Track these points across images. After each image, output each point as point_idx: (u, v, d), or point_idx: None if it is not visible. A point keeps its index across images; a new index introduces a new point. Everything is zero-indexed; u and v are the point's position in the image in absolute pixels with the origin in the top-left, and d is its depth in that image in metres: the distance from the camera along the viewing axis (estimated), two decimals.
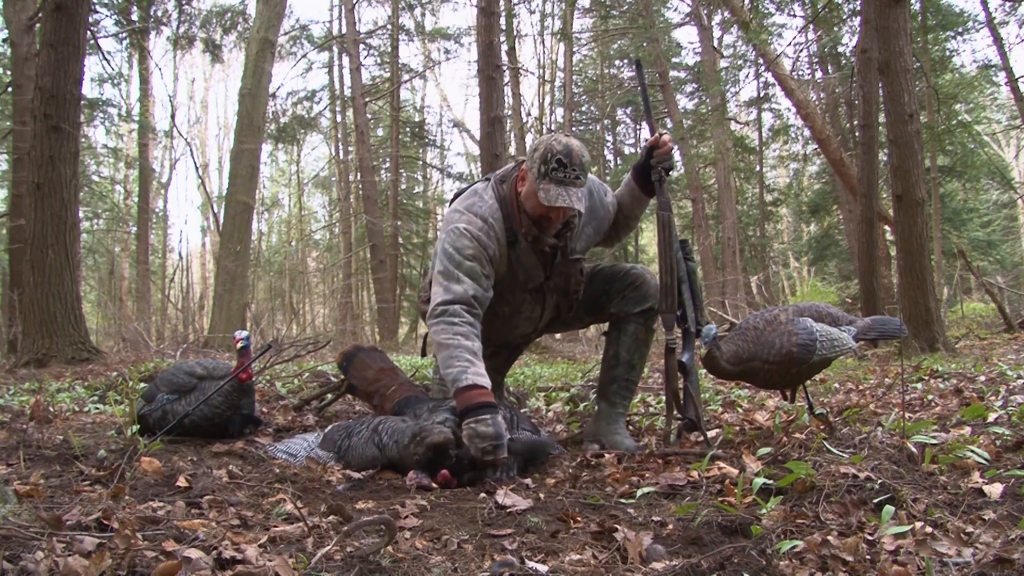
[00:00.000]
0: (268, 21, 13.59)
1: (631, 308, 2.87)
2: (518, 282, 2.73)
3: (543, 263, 2.73)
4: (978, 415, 2.68)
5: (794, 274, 26.31)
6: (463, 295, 2.48)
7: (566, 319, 3.01)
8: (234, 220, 13.20)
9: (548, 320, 2.98)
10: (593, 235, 2.87)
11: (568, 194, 2.48)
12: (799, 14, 15.15)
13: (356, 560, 1.41)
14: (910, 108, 6.80)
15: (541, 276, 2.76)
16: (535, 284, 2.77)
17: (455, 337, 2.41)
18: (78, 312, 6.73)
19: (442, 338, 2.42)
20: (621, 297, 2.89)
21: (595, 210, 2.83)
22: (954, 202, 16.68)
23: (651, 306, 2.85)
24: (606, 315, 2.96)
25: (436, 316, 2.47)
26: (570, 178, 2.48)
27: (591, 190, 2.81)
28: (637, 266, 2.96)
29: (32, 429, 2.89)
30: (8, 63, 11.50)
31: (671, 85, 18.49)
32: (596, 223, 2.85)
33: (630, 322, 2.88)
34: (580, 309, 2.96)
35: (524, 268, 2.71)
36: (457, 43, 20.14)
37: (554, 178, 2.47)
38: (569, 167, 2.47)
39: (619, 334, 2.91)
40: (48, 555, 1.31)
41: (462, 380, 2.33)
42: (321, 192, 27.61)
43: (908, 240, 6.75)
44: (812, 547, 1.42)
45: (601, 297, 2.93)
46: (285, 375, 5.22)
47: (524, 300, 2.81)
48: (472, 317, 2.47)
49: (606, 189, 2.92)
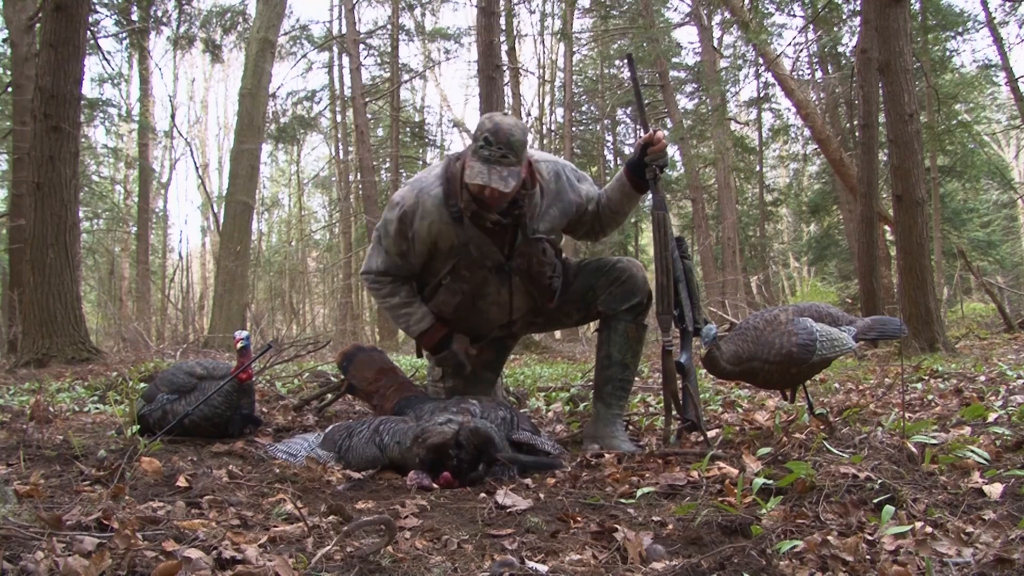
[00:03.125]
0: (268, 21, 13.60)
1: (619, 305, 2.84)
2: (472, 258, 2.71)
3: (497, 242, 2.70)
4: (978, 415, 2.68)
5: (794, 274, 26.31)
6: (377, 267, 2.85)
7: (550, 313, 2.96)
8: (234, 220, 13.20)
9: (524, 309, 2.91)
10: (559, 217, 2.82)
11: (490, 172, 2.45)
12: (799, 14, 15.14)
13: (356, 560, 1.41)
14: (910, 108, 6.80)
15: (498, 254, 2.73)
16: (494, 262, 2.74)
17: (385, 299, 2.88)
18: (78, 312, 6.73)
19: (378, 301, 2.95)
20: (608, 293, 2.85)
21: (562, 193, 2.81)
22: (954, 202, 16.68)
23: (639, 301, 2.83)
24: (595, 312, 2.92)
25: (365, 281, 2.95)
26: (495, 156, 2.46)
27: (559, 173, 2.81)
28: (623, 259, 2.91)
29: (32, 429, 2.89)
30: (8, 63, 11.50)
31: (671, 85, 18.48)
32: (562, 206, 2.82)
33: (619, 320, 2.85)
34: (567, 304, 2.91)
35: (475, 244, 2.69)
36: (457, 43, 20.14)
37: (480, 155, 2.47)
38: (495, 145, 2.45)
39: (609, 333, 2.88)
40: (48, 555, 1.31)
41: (413, 331, 2.86)
42: (321, 192, 27.61)
43: (908, 240, 6.75)
44: (812, 547, 1.42)
45: (588, 292, 2.90)
46: (285, 375, 5.22)
47: (487, 280, 2.77)
48: (390, 278, 2.85)
49: (581, 176, 2.91)
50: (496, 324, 2.96)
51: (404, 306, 2.86)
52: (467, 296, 2.78)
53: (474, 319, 2.88)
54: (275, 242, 28.15)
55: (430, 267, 2.83)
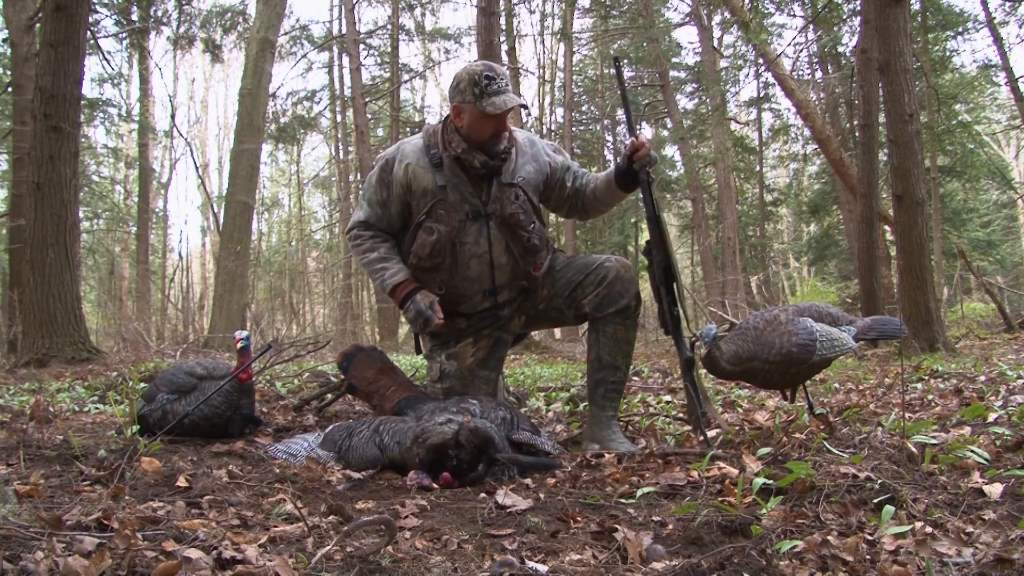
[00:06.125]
0: (268, 21, 13.59)
1: (606, 309, 2.83)
2: (449, 201, 2.82)
3: (475, 185, 2.83)
4: (978, 415, 2.68)
5: (794, 274, 26.30)
6: (358, 219, 2.98)
7: (543, 308, 2.95)
8: (234, 220, 13.20)
9: (507, 273, 2.88)
10: (534, 174, 2.94)
11: (508, 98, 2.70)
12: (799, 14, 15.16)
13: (356, 560, 1.41)
14: (910, 108, 6.80)
15: (476, 199, 2.83)
16: (472, 207, 2.82)
17: (364, 255, 2.95)
18: (78, 312, 6.72)
19: (359, 258, 3.02)
20: (595, 295, 2.84)
21: (537, 155, 2.98)
22: (954, 202, 16.69)
23: (627, 304, 2.82)
24: (583, 313, 2.90)
25: (349, 239, 3.06)
26: (503, 87, 2.72)
27: (533, 141, 3.03)
28: (611, 259, 2.90)
29: (32, 429, 2.89)
30: (8, 63, 11.50)
31: (671, 85, 18.49)
32: (537, 164, 2.96)
33: (607, 323, 2.84)
34: (557, 298, 2.91)
35: (453, 186, 2.83)
36: (457, 43, 20.13)
37: (491, 91, 2.69)
38: (498, 78, 2.71)
39: (598, 336, 2.86)
40: (48, 555, 1.31)
41: (387, 285, 2.90)
42: (321, 192, 27.61)
43: (908, 240, 6.75)
44: (812, 547, 1.42)
45: (576, 290, 2.89)
46: (285, 375, 5.22)
47: (465, 227, 2.82)
48: (371, 233, 2.96)
49: (557, 148, 3.09)
50: (479, 287, 2.91)
51: (381, 260, 2.92)
52: (444, 238, 2.81)
53: (457, 275, 2.87)
54: (275, 242, 28.15)
55: (409, 217, 2.93)
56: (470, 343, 3.00)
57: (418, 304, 2.82)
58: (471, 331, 3.01)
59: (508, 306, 3.00)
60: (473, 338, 3.01)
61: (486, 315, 2.99)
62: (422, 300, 2.82)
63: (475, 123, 2.76)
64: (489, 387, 2.99)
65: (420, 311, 2.81)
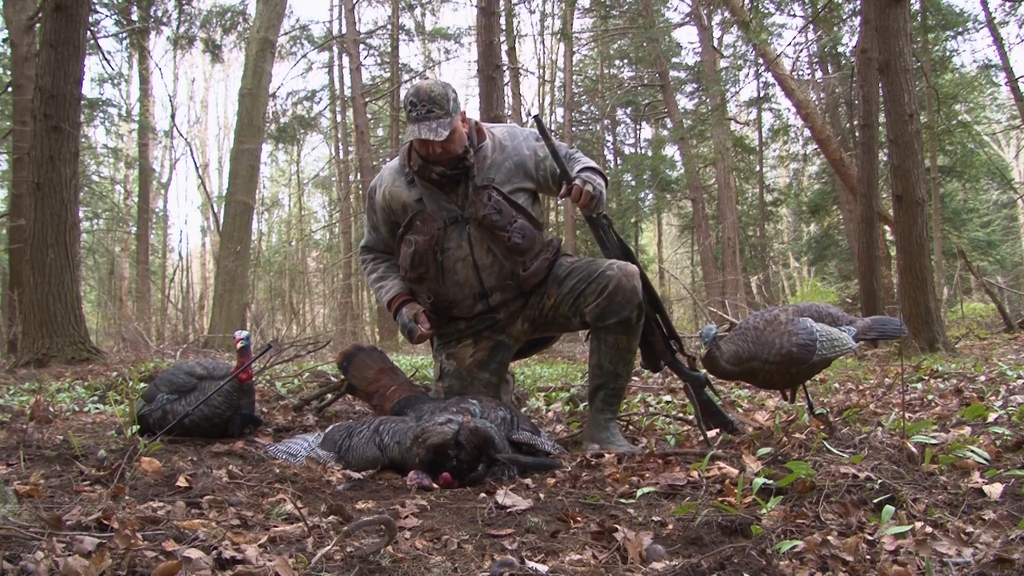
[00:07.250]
0: (268, 21, 13.59)
1: (608, 319, 2.77)
2: (427, 211, 2.89)
3: (449, 192, 2.87)
4: (978, 415, 2.68)
5: (794, 274, 26.29)
6: (361, 245, 3.25)
7: (551, 316, 2.92)
8: (234, 220, 13.20)
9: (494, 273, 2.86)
10: (514, 169, 2.91)
11: (419, 128, 2.70)
12: (799, 14, 15.16)
13: (356, 560, 1.41)
14: (910, 108, 6.80)
15: (452, 205, 2.86)
16: (450, 213, 2.86)
17: (368, 276, 3.19)
18: (78, 312, 6.72)
19: (366, 278, 3.27)
20: (595, 304, 2.78)
21: (518, 149, 2.95)
22: (954, 202, 16.68)
23: (627, 316, 2.76)
24: (587, 321, 2.85)
25: (360, 260, 3.30)
26: (421, 114, 2.71)
27: (515, 133, 3.00)
28: (614, 265, 2.80)
29: (32, 429, 2.89)
30: (8, 63, 11.50)
31: (671, 85, 18.49)
32: (518, 159, 2.93)
33: (609, 332, 2.80)
34: (562, 304, 2.87)
35: (429, 196, 2.90)
36: (457, 43, 20.15)
37: (410, 118, 2.75)
38: (418, 104, 2.71)
39: (599, 344, 2.83)
40: (48, 555, 1.31)
41: (383, 300, 3.09)
42: (321, 192, 27.61)
43: (908, 240, 6.75)
44: (812, 547, 1.42)
45: (578, 298, 2.83)
46: (285, 375, 5.22)
47: (446, 234, 2.85)
48: (372, 255, 3.18)
49: (539, 137, 2.96)
50: (469, 291, 2.91)
51: (380, 280, 3.11)
52: (423, 248, 2.86)
53: (445, 282, 2.89)
54: (275, 242, 28.14)
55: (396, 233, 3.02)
56: (469, 344, 3.01)
57: (402, 318, 2.98)
58: (471, 332, 3.02)
59: (503, 309, 2.97)
60: (473, 339, 3.01)
61: (483, 318, 3.00)
62: (406, 313, 2.97)
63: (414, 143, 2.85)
64: (490, 391, 2.96)
65: (403, 324, 2.98)
